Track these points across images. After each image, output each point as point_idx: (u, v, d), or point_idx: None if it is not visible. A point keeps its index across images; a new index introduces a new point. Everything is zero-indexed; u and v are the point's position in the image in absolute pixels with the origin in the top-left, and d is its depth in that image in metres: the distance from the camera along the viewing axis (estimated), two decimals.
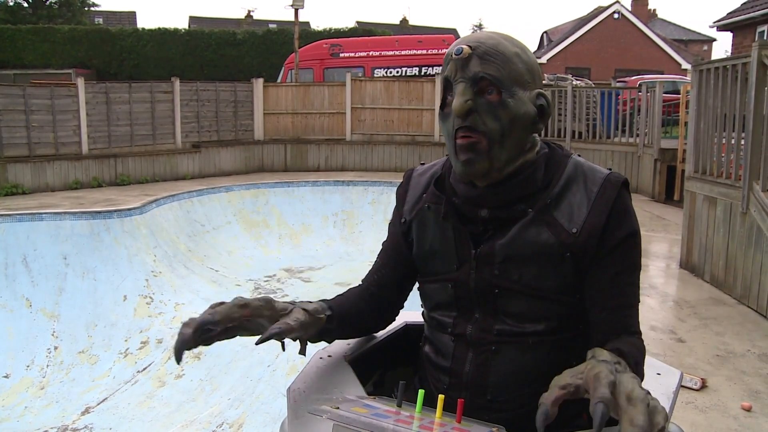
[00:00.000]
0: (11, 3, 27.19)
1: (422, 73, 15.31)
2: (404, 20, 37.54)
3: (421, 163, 1.39)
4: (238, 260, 9.41)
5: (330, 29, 24.02)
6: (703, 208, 5.34)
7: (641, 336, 1.18)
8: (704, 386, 3.32)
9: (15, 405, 5.99)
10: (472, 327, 1.21)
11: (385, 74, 15.59)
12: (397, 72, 15.72)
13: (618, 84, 15.86)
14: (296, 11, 14.95)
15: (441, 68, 1.21)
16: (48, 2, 27.83)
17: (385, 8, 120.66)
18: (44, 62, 21.65)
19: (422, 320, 1.37)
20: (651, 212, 8.50)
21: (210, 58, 22.89)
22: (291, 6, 14.90)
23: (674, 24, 38.27)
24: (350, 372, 1.26)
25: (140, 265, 7.68)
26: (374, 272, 1.39)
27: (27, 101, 9.92)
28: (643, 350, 1.15)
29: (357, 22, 32.89)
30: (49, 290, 7.06)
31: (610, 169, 1.21)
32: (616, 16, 30.10)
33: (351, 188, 11.18)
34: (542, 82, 1.24)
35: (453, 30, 35.48)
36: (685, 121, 8.23)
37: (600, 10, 30.91)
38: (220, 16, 39.89)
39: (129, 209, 8.30)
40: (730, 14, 15.12)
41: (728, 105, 5.01)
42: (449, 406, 1.03)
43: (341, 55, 16.09)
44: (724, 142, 5.14)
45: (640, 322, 1.20)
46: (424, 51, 15.86)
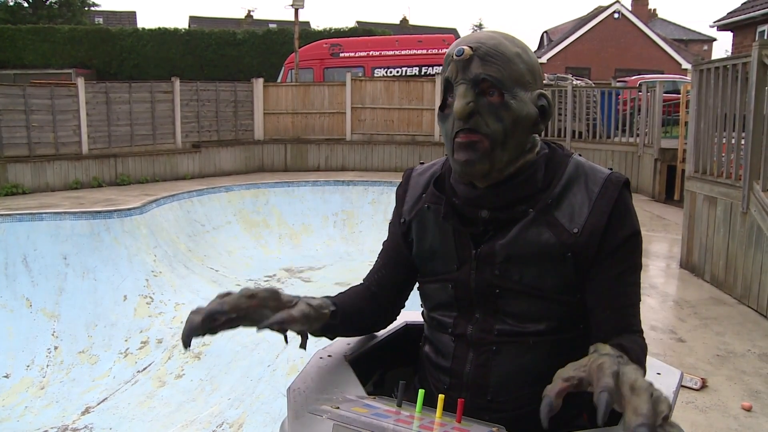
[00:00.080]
0: (11, 3, 27.20)
1: (422, 73, 15.30)
2: (404, 20, 37.55)
3: (421, 163, 1.38)
4: (238, 260, 9.41)
5: (330, 29, 24.02)
6: (704, 208, 5.34)
7: (643, 334, 1.18)
8: (704, 386, 3.32)
9: (15, 405, 5.99)
10: (473, 327, 1.21)
11: (385, 74, 15.59)
12: (398, 72, 15.72)
13: (618, 84, 15.86)
14: (296, 11, 14.95)
15: (441, 68, 1.21)
16: (48, 2, 27.84)
17: (385, 8, 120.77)
18: (44, 62, 21.66)
19: (422, 320, 1.36)
20: (651, 212, 8.50)
21: (210, 58, 22.90)
22: (291, 6, 14.90)
23: (674, 24, 38.27)
24: (350, 372, 1.26)
25: (140, 265, 7.68)
26: (374, 272, 1.39)
27: (27, 101, 9.92)
28: (645, 348, 1.15)
29: (357, 22, 32.89)
30: (50, 290, 7.05)
31: (611, 169, 1.20)
32: (617, 16, 30.10)
33: (351, 188, 11.17)
34: (543, 83, 1.24)
35: (453, 30, 35.49)
36: (686, 121, 8.23)
37: (600, 10, 30.91)
38: (220, 16, 39.91)
39: (129, 209, 8.29)
40: (731, 14, 15.11)
41: (728, 105, 5.01)
42: (449, 406, 1.03)
43: (341, 55, 16.09)
44: (725, 142, 5.14)
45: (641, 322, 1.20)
46: (425, 51, 15.86)
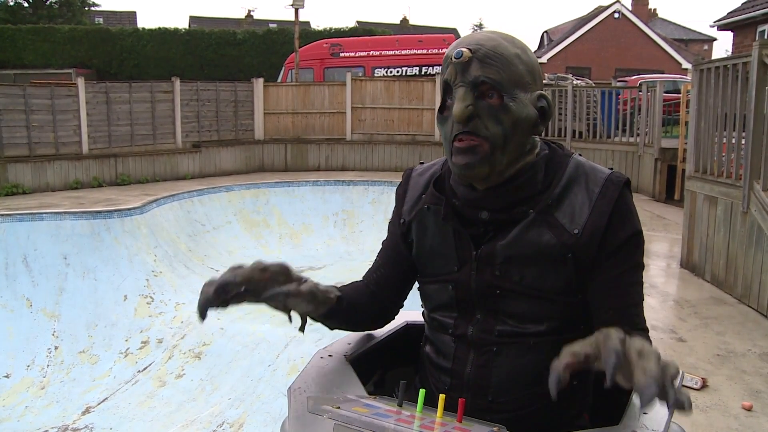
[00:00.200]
0: (11, 3, 27.21)
1: (422, 73, 15.29)
2: (404, 20, 37.54)
3: (420, 163, 1.38)
4: (239, 260, 9.22)
5: (330, 29, 24.02)
6: (704, 208, 5.34)
7: (648, 333, 1.18)
8: (705, 386, 3.31)
9: (15, 405, 5.99)
10: (473, 328, 1.21)
11: (386, 74, 15.58)
12: (398, 72, 15.72)
13: (618, 83, 15.85)
14: (296, 11, 14.95)
15: (440, 70, 1.21)
16: (48, 2, 27.84)
17: (386, 8, 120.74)
18: (44, 62, 21.66)
19: (423, 320, 1.36)
20: (651, 212, 8.50)
21: (210, 58, 22.90)
22: (291, 6, 14.89)
23: (674, 23, 38.27)
24: (351, 371, 1.26)
25: (141, 265, 7.68)
26: (373, 271, 1.38)
27: (27, 101, 9.92)
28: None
29: (357, 22, 32.89)
30: (50, 290, 7.05)
31: (612, 169, 1.20)
32: (617, 16, 30.10)
33: (351, 188, 11.17)
34: (543, 83, 1.24)
35: (453, 30, 35.48)
36: (686, 121, 8.23)
37: (600, 10, 30.91)
38: (221, 16, 39.94)
39: (129, 209, 8.29)
40: (731, 14, 15.10)
41: (729, 104, 5.01)
42: (450, 406, 1.03)
43: (341, 55, 16.08)
44: (725, 142, 5.14)
45: None
46: (425, 51, 15.86)
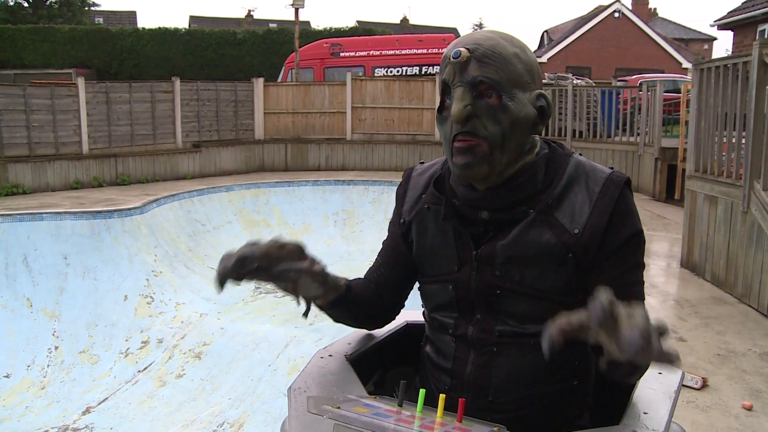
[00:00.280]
0: (11, 3, 27.20)
1: (423, 73, 15.29)
2: (404, 19, 37.52)
3: (420, 162, 1.38)
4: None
5: (330, 28, 24.01)
6: (704, 207, 5.34)
7: None
8: (705, 385, 3.31)
9: (16, 405, 5.99)
10: (474, 328, 1.20)
11: (386, 73, 15.58)
12: (398, 71, 15.71)
13: (618, 83, 15.86)
14: (296, 11, 14.95)
15: (438, 69, 1.20)
16: (48, 2, 27.84)
17: (386, 7, 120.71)
18: (44, 62, 21.65)
19: (423, 320, 1.36)
20: (652, 211, 8.49)
21: (210, 58, 22.89)
22: (291, 5, 14.89)
23: (675, 23, 38.25)
24: (351, 371, 1.26)
25: (141, 265, 7.67)
26: (374, 270, 1.38)
27: (27, 101, 9.91)
28: None
29: (357, 22, 32.88)
30: (50, 290, 7.05)
31: (612, 168, 1.19)
32: (617, 15, 30.09)
33: (351, 188, 11.17)
34: (542, 82, 1.23)
35: (453, 29, 35.48)
36: (686, 120, 8.23)
37: (600, 9, 30.91)
38: (221, 16, 39.94)
39: (129, 209, 8.29)
40: (731, 13, 15.08)
41: (729, 104, 5.01)
42: (450, 406, 1.03)
43: (342, 55, 16.08)
44: (725, 141, 5.13)
45: None
46: (425, 50, 15.85)
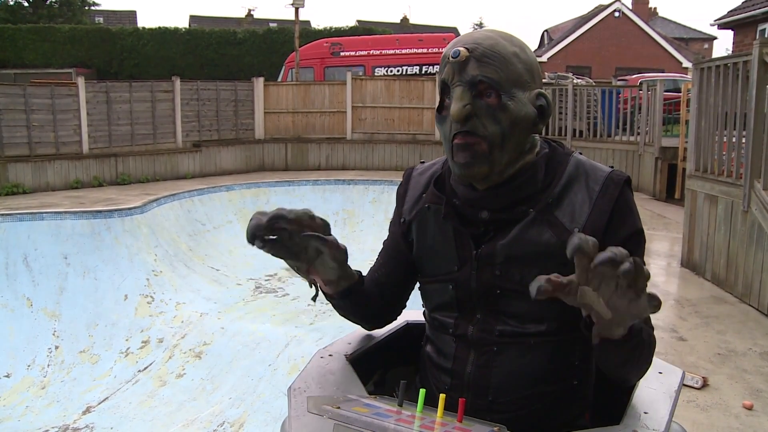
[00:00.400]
0: (11, 2, 27.19)
1: (423, 72, 15.30)
2: (405, 19, 37.52)
3: (421, 162, 1.38)
4: (239, 259, 9.40)
5: (330, 28, 24.01)
6: (704, 207, 5.33)
7: (653, 330, 1.16)
8: (706, 385, 3.31)
9: (16, 404, 5.99)
10: (474, 328, 1.20)
11: (386, 73, 15.59)
12: (398, 71, 15.72)
13: (619, 82, 15.85)
14: (297, 10, 14.94)
15: (438, 69, 1.20)
16: (48, 2, 27.83)
17: (386, 7, 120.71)
18: (45, 62, 21.66)
19: (423, 319, 1.36)
20: (652, 211, 8.49)
21: (210, 57, 22.90)
22: (291, 5, 14.89)
23: (675, 22, 38.22)
24: (351, 371, 1.26)
25: (141, 265, 7.68)
26: (374, 270, 1.38)
27: (27, 101, 9.92)
28: (655, 340, 1.13)
29: (357, 21, 32.87)
30: (50, 290, 7.05)
31: (612, 167, 1.19)
32: (617, 15, 30.08)
33: (352, 187, 11.17)
34: (542, 81, 1.23)
35: (453, 29, 35.46)
36: (686, 120, 8.22)
37: (601, 9, 30.90)
38: (221, 15, 39.95)
39: (130, 208, 8.29)
40: (731, 12, 15.07)
41: (729, 103, 5.00)
42: (450, 406, 1.03)
43: (342, 54, 16.08)
44: (725, 141, 5.13)
45: None
46: (425, 50, 15.86)
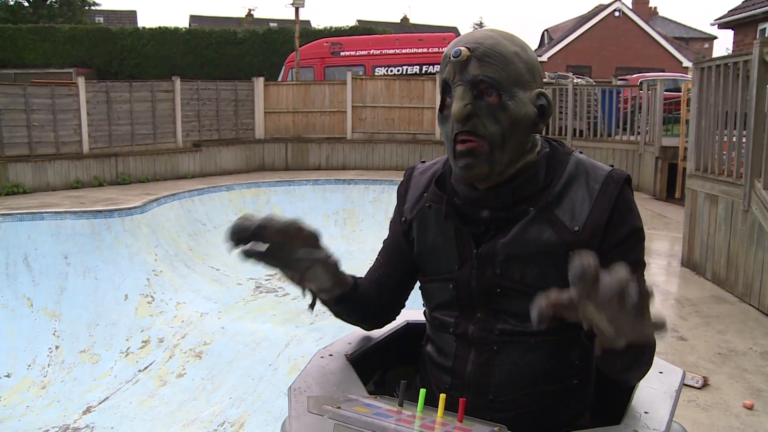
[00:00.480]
0: (12, 2, 27.19)
1: (423, 72, 15.30)
2: (405, 19, 37.55)
3: (422, 161, 1.38)
4: (239, 259, 9.40)
5: (331, 28, 24.00)
6: (705, 206, 5.33)
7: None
8: (706, 384, 3.31)
9: (16, 404, 5.99)
10: (474, 327, 1.20)
11: (386, 73, 15.59)
12: (398, 70, 15.72)
13: (619, 82, 15.85)
14: (297, 10, 14.94)
15: (439, 68, 1.20)
16: (48, 2, 27.83)
17: (386, 7, 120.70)
18: (45, 61, 21.66)
19: (423, 319, 1.36)
20: (652, 210, 8.49)
21: (211, 57, 22.90)
22: (291, 5, 14.88)
23: (675, 22, 38.23)
24: (351, 371, 1.26)
25: (141, 264, 7.68)
26: (374, 270, 1.38)
27: (28, 100, 9.91)
28: (654, 343, 1.13)
29: (358, 21, 32.87)
30: (51, 290, 7.05)
31: (612, 166, 1.20)
32: (617, 14, 30.09)
33: (352, 187, 11.17)
34: (543, 81, 1.23)
35: (454, 28, 35.47)
36: (687, 119, 8.22)
37: (601, 8, 30.90)
38: (221, 15, 39.95)
39: (130, 208, 8.29)
40: (732, 12, 15.06)
41: (729, 103, 5.00)
42: (451, 406, 1.03)
43: (342, 54, 16.08)
44: (726, 140, 5.13)
45: None
46: (425, 49, 15.86)
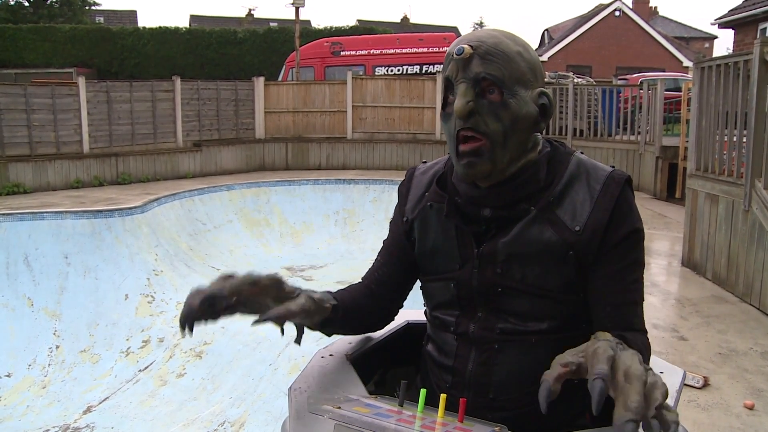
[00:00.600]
0: (12, 2, 27.19)
1: (423, 71, 15.30)
2: (405, 18, 37.54)
3: (423, 161, 1.38)
4: (240, 259, 9.40)
5: (331, 27, 24.00)
6: (705, 206, 5.33)
7: (647, 334, 1.17)
8: (707, 384, 3.31)
9: (17, 404, 5.99)
10: (475, 326, 1.21)
11: (386, 72, 15.58)
12: (398, 70, 15.71)
13: (619, 82, 15.84)
14: (297, 10, 14.94)
15: (442, 67, 1.20)
16: (49, 1, 27.83)
17: (386, 6, 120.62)
18: (45, 61, 21.66)
19: (424, 319, 1.36)
20: (653, 210, 8.49)
21: (211, 57, 22.89)
22: (292, 4, 14.88)
23: (675, 21, 38.22)
24: (352, 371, 1.26)
25: (142, 264, 7.68)
26: (375, 270, 1.38)
27: (28, 100, 9.92)
28: (649, 347, 1.14)
29: (358, 21, 32.86)
30: (51, 289, 7.05)
31: (613, 167, 1.20)
32: (618, 14, 30.07)
33: (352, 186, 11.17)
34: (544, 80, 1.23)
35: (454, 28, 35.48)
36: (687, 119, 8.22)
37: (601, 8, 30.89)
38: (221, 15, 39.92)
39: (130, 208, 8.29)
40: (732, 11, 15.06)
41: (730, 102, 5.00)
42: (451, 405, 1.03)
43: (342, 54, 16.08)
44: (726, 140, 5.13)
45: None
46: (425, 49, 15.86)
